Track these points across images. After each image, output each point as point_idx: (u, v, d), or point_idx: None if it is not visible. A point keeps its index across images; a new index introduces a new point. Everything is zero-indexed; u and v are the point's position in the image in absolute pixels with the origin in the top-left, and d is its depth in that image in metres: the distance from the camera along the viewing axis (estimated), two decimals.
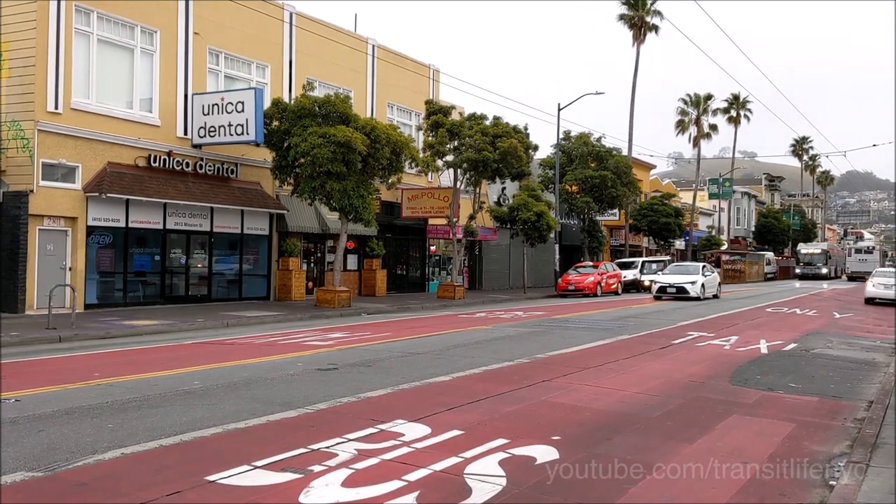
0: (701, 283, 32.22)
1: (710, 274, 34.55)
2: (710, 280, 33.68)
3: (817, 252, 72.87)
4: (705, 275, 33.27)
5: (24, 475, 5.79)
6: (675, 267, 35.79)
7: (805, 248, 76.27)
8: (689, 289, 31.73)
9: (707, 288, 32.85)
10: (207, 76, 24.87)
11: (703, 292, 32.12)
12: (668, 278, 33.14)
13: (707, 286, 32.87)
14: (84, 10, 20.98)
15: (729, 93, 76.31)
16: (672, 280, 32.68)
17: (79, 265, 20.90)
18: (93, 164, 21.23)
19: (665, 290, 32.16)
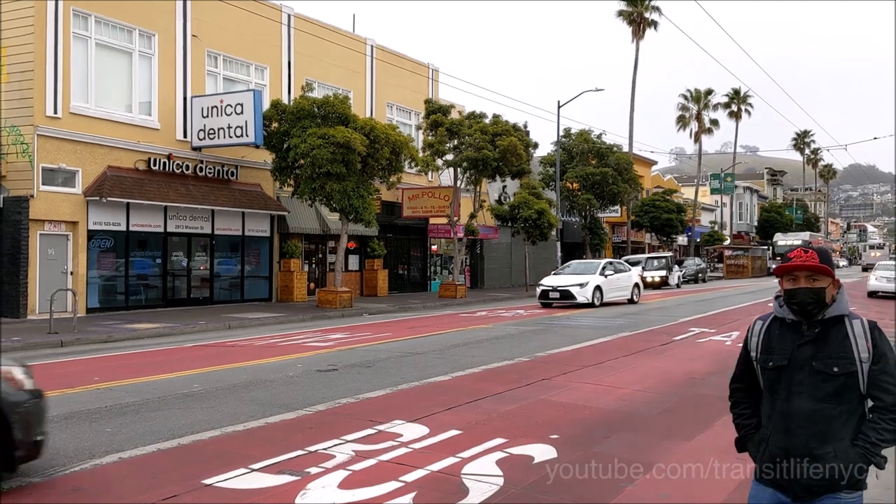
0: (595, 285, 25.59)
1: (615, 273, 27.44)
2: (612, 282, 26.82)
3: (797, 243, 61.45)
4: (606, 274, 26.63)
5: (21, 481, 5.80)
6: (574, 265, 28.73)
7: (783, 238, 64.25)
8: (577, 293, 25.06)
9: (607, 291, 26.25)
10: (206, 78, 24.89)
11: (597, 297, 25.56)
12: (556, 279, 26.61)
13: (607, 289, 26.28)
14: (82, 14, 21.00)
15: (729, 88, 76.28)
16: (558, 282, 26.08)
17: (80, 269, 20.93)
18: (93, 168, 21.26)
19: (548, 294, 25.81)
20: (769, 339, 3.19)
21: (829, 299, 3.06)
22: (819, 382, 3.01)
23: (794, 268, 3.07)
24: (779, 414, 3.11)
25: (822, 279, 3.05)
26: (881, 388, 2.99)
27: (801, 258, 3.05)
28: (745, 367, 3.33)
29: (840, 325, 3.07)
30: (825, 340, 3.05)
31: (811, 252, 3.06)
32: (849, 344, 3.02)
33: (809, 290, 3.05)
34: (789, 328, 3.14)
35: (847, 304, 3.13)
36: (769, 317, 3.26)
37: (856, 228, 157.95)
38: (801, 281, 3.06)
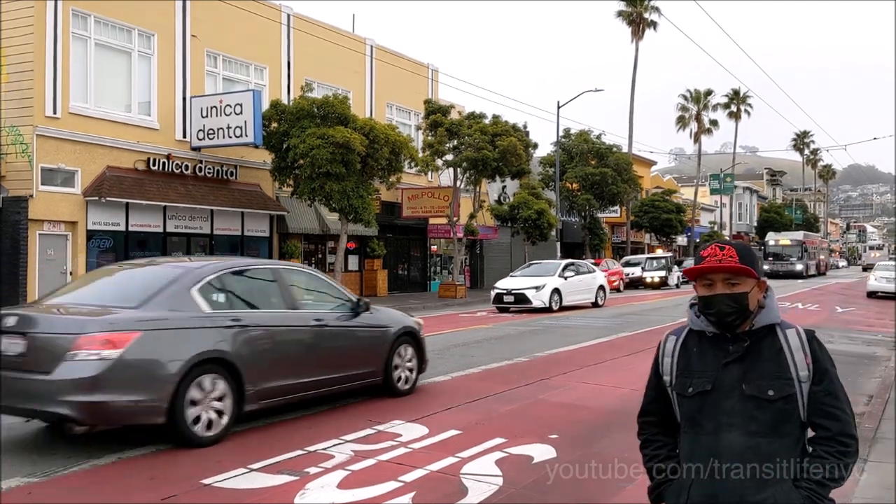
0: (553, 288, 23.42)
1: (576, 275, 25.32)
2: (573, 284, 24.69)
3: (789, 243, 57.84)
4: (565, 276, 24.49)
5: (19, 481, 5.79)
6: (534, 266, 26.50)
7: (774, 237, 60.52)
8: (532, 297, 22.74)
9: (567, 294, 24.02)
10: (206, 78, 24.88)
11: (555, 301, 23.40)
12: (511, 282, 24.42)
13: (567, 292, 24.06)
14: (81, 14, 20.99)
15: (729, 88, 76.28)
16: (512, 285, 23.77)
17: (79, 270, 20.91)
18: (92, 168, 21.25)
19: (502, 298, 23.63)
20: (687, 359, 2.57)
21: (753, 306, 2.50)
22: (752, 411, 2.43)
23: (707, 270, 2.49)
24: (703, 453, 2.48)
25: (743, 282, 2.47)
26: (826, 413, 2.45)
27: (715, 257, 2.48)
28: (657, 395, 2.70)
29: (772, 336, 2.51)
30: (756, 357, 2.48)
31: (729, 249, 2.49)
32: (784, 360, 2.46)
33: (728, 297, 2.46)
34: (710, 343, 2.55)
35: (777, 310, 2.57)
36: (683, 331, 2.65)
37: (855, 229, 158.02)
38: (717, 286, 2.48)
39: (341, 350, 8.56)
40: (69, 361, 6.25)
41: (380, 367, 8.98)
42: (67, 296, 7.65)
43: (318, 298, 8.94)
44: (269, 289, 8.25)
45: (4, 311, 7.16)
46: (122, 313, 6.74)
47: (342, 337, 8.62)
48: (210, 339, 7.01)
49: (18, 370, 6.43)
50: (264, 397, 7.47)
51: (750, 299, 2.48)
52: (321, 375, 8.19)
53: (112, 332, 6.43)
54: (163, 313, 6.87)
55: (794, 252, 56.20)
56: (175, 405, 6.57)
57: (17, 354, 6.46)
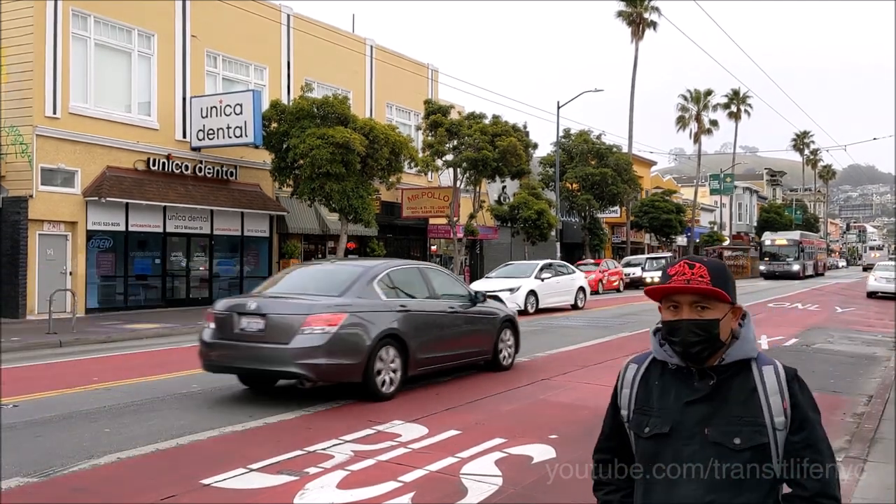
0: (528, 290, 22.37)
1: (554, 276, 24.31)
2: (551, 286, 23.65)
3: (785, 243, 56.32)
4: (542, 277, 23.46)
5: (19, 481, 5.79)
6: (511, 267, 25.67)
7: (770, 237, 58.92)
8: (506, 299, 19.67)
9: (544, 297, 23.01)
10: (205, 79, 24.87)
11: (531, 304, 22.32)
12: (486, 283, 23.17)
13: (544, 294, 23.06)
14: (81, 15, 20.99)
15: (729, 88, 76.26)
16: (486, 287, 21.58)
17: (79, 270, 20.92)
18: (92, 168, 21.24)
19: None
20: (646, 393, 2.23)
21: (725, 336, 2.13)
22: (715, 461, 2.08)
23: (672, 291, 2.14)
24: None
25: (714, 307, 2.11)
26: (803, 469, 2.08)
27: (683, 276, 2.12)
28: (614, 430, 2.33)
29: (745, 373, 2.15)
30: (724, 397, 2.12)
31: (700, 268, 2.12)
32: (757, 402, 2.10)
33: (695, 325, 2.10)
34: (674, 377, 2.19)
35: (755, 342, 2.21)
36: (646, 358, 2.30)
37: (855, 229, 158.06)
38: (684, 310, 2.12)
39: (466, 331, 10.76)
40: (301, 335, 8.46)
41: (490, 346, 11.20)
42: (278, 288, 9.98)
43: (449, 291, 10.96)
44: (418, 282, 10.43)
45: (245, 298, 9.76)
46: (333, 300, 8.96)
47: (466, 321, 10.80)
48: (388, 320, 9.16)
49: (261, 342, 8.64)
50: (420, 366, 9.64)
51: (721, 328, 2.12)
52: (453, 350, 10.39)
53: (330, 314, 8.65)
54: (358, 300, 9.12)
55: (791, 252, 55.20)
56: (368, 368, 8.75)
57: (258, 330, 8.70)
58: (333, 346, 8.49)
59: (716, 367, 2.15)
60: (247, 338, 8.75)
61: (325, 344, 8.43)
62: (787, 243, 55.99)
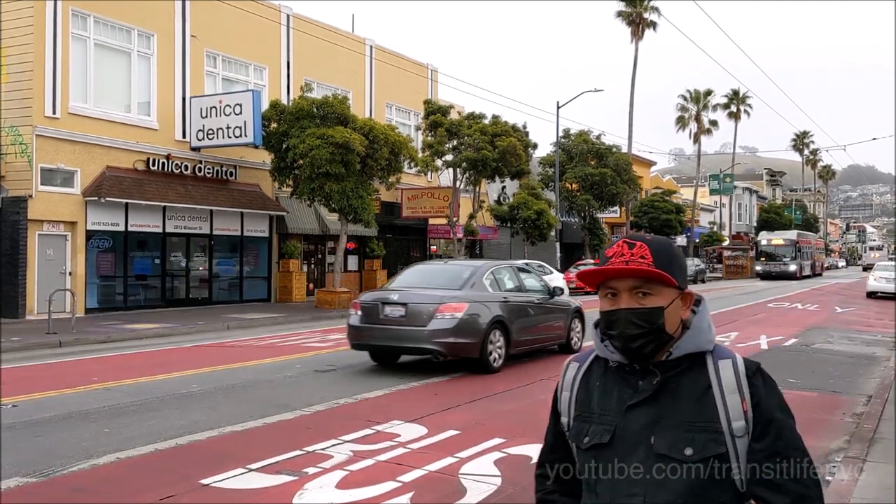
0: None
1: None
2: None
3: (782, 243, 55.17)
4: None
5: (18, 481, 5.79)
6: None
7: (767, 236, 57.67)
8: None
9: None
10: (205, 79, 24.87)
11: None
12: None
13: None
14: (81, 15, 20.98)
15: (729, 89, 76.24)
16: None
17: (79, 270, 20.91)
18: (91, 168, 21.24)
19: None
20: (587, 396, 1.90)
21: (672, 327, 1.80)
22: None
23: (609, 274, 1.81)
24: None
25: (658, 293, 1.79)
26: (770, 483, 1.73)
27: (621, 258, 1.80)
28: (556, 441, 2.00)
29: (698, 369, 1.80)
30: (673, 398, 1.78)
31: (640, 247, 1.80)
32: (712, 403, 1.76)
33: (635, 315, 1.78)
34: (616, 377, 1.86)
35: (711, 331, 1.86)
36: (588, 356, 1.97)
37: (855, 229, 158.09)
38: (622, 298, 1.80)
39: (548, 319, 12.84)
40: (436, 319, 10.85)
41: (564, 332, 13.27)
42: (405, 282, 12.27)
43: (533, 286, 13.10)
44: (511, 278, 12.63)
45: (386, 291, 11.89)
46: (456, 292, 11.30)
47: (548, 311, 12.85)
48: (495, 309, 11.39)
49: (403, 325, 11.12)
50: (517, 346, 11.87)
51: (667, 317, 1.78)
52: (540, 335, 12.62)
53: (456, 303, 11.01)
54: (473, 292, 11.42)
55: (788, 252, 54.40)
56: (483, 346, 10.99)
57: (400, 316, 11.15)
58: (459, 329, 10.76)
59: (662, 363, 1.81)
60: (390, 322, 11.15)
61: (453, 327, 10.75)
62: (783, 243, 55.19)
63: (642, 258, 1.78)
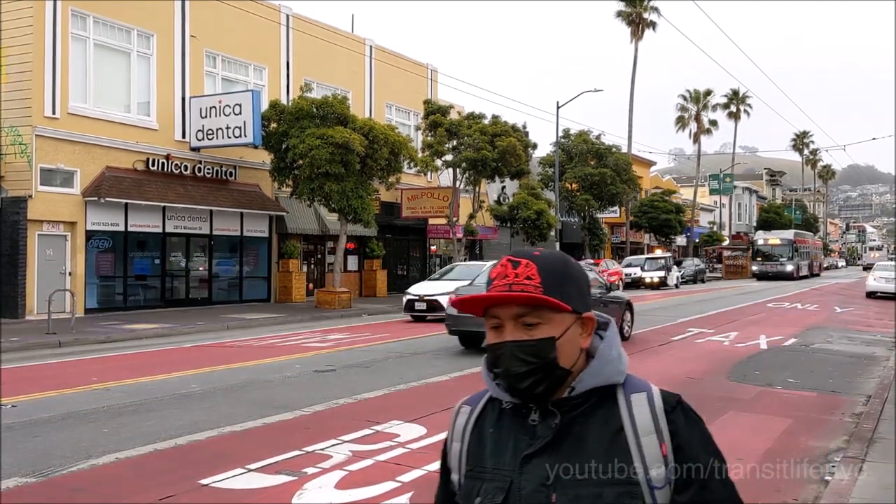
0: None
1: None
2: None
3: (778, 242, 54.13)
4: None
5: (17, 481, 5.79)
6: (456, 269, 22.95)
7: (763, 236, 56.72)
8: (445, 304, 18.09)
9: None
10: (205, 79, 24.87)
11: None
12: (426, 286, 21.00)
13: None
14: (80, 15, 20.98)
15: (728, 88, 76.22)
16: (427, 290, 20.49)
17: (78, 270, 20.91)
18: (91, 168, 21.24)
19: (414, 305, 20.38)
20: (479, 447, 1.58)
21: (569, 360, 1.52)
22: None
23: (488, 301, 1.53)
24: None
25: (548, 320, 1.50)
26: None
27: (504, 279, 1.51)
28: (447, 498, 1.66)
29: (607, 407, 1.51)
30: (577, 445, 1.48)
31: (527, 266, 1.51)
32: (624, 448, 1.46)
33: (520, 348, 1.49)
34: (512, 421, 1.56)
35: (621, 360, 1.56)
36: (481, 398, 1.65)
37: (854, 229, 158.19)
38: (507, 328, 1.51)
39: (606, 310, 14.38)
40: None
41: (619, 322, 14.96)
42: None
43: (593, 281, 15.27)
44: None
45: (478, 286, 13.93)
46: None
47: (605, 303, 14.92)
48: None
49: None
50: None
51: (562, 349, 1.50)
52: None
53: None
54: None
55: (785, 252, 53.52)
56: None
57: None
58: None
59: (564, 402, 1.51)
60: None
61: None
62: (780, 243, 54.36)
63: (528, 279, 1.50)
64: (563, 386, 1.53)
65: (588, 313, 1.56)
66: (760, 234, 59.44)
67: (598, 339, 1.59)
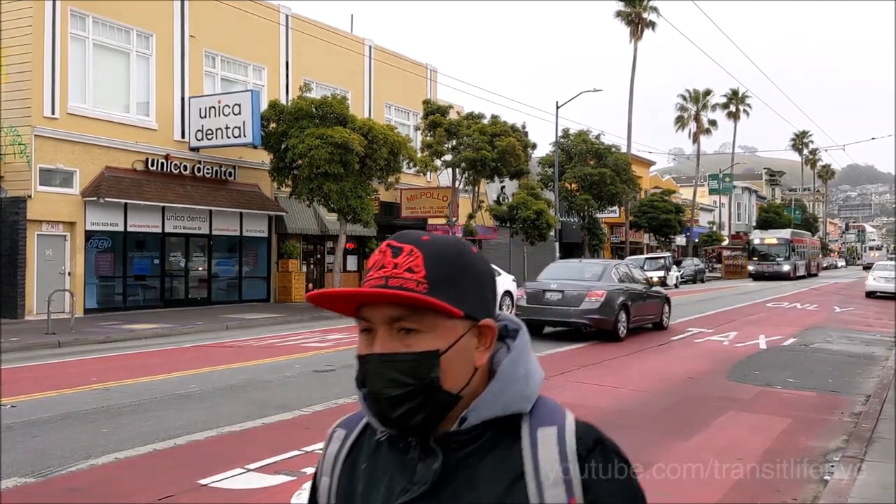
0: None
1: None
2: None
3: (775, 242, 53.24)
4: None
5: (16, 481, 5.79)
6: None
7: (759, 235, 55.89)
8: None
9: None
10: (204, 79, 24.86)
11: None
12: None
13: None
14: (79, 15, 20.98)
15: (728, 88, 76.32)
16: None
17: (78, 270, 20.90)
18: (90, 168, 21.23)
19: None
20: (350, 483, 1.27)
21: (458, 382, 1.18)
22: None
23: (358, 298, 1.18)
24: None
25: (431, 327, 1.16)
26: None
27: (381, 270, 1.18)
28: None
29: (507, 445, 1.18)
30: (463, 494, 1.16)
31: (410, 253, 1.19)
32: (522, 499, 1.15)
33: (389, 364, 1.16)
34: (388, 455, 1.24)
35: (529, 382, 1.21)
36: (359, 420, 1.32)
37: (854, 229, 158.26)
38: (378, 334, 1.18)
39: (648, 303, 17.17)
40: (586, 302, 15.16)
41: (659, 314, 17.75)
42: (551, 275, 17.09)
43: (637, 278, 17.85)
44: (625, 273, 17.28)
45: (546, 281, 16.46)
46: (597, 283, 15.82)
47: (649, 297, 17.31)
48: (621, 295, 15.69)
49: (561, 305, 15.54)
50: (633, 322, 16.10)
51: (448, 367, 1.15)
52: (645, 314, 16.96)
53: (599, 291, 15.34)
54: (607, 284, 15.89)
55: (781, 251, 52.75)
56: (615, 322, 15.25)
57: (558, 300, 15.60)
58: (601, 309, 14.97)
59: (449, 437, 1.17)
60: (552, 303, 15.58)
61: (598, 307, 14.97)
62: (776, 242, 53.59)
63: (410, 271, 1.14)
64: (450, 415, 1.17)
65: (487, 320, 1.19)
66: (756, 233, 58.69)
67: (504, 353, 1.22)
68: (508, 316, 1.29)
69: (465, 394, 1.17)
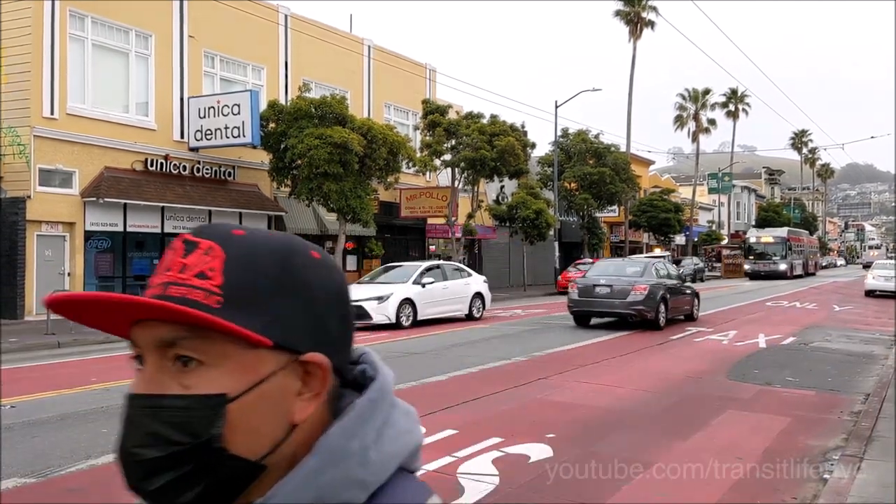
0: (402, 298, 18.26)
1: (441, 281, 19.98)
2: (434, 293, 19.33)
3: (771, 241, 52.67)
4: (423, 282, 19.20)
5: (16, 481, 5.79)
6: (392, 271, 20.72)
7: (756, 234, 55.45)
8: (372, 310, 17.52)
9: (425, 306, 18.91)
10: (203, 79, 24.86)
11: (407, 315, 18.32)
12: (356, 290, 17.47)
13: (424, 303, 18.89)
14: (78, 15, 20.97)
15: (727, 87, 76.31)
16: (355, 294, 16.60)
17: (77, 270, 20.91)
18: (90, 168, 21.23)
19: None
20: None
21: (257, 446, 0.78)
22: None
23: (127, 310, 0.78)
24: None
25: (221, 359, 0.77)
26: None
27: (167, 273, 0.80)
28: None
29: None
30: None
31: (209, 250, 0.80)
32: None
33: (148, 412, 0.76)
34: None
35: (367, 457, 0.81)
36: None
37: (853, 227, 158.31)
38: (148, 364, 0.80)
39: (680, 297, 19.07)
40: (632, 295, 17.19)
41: (690, 307, 19.71)
42: (598, 272, 19.51)
43: (672, 274, 20.15)
44: (662, 269, 19.44)
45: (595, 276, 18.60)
46: (640, 278, 17.88)
47: (681, 291, 19.34)
48: (661, 289, 17.74)
49: (609, 298, 17.53)
50: (670, 313, 17.96)
51: (241, 419, 0.78)
52: (679, 307, 18.80)
53: (643, 285, 17.36)
54: (649, 279, 17.98)
55: (778, 250, 52.14)
56: (656, 312, 17.23)
57: (607, 293, 17.61)
58: (645, 301, 17.01)
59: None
60: (601, 296, 17.60)
61: (642, 300, 17.02)
62: (773, 241, 52.95)
63: (202, 277, 0.80)
64: (246, 494, 0.80)
65: (314, 355, 0.82)
66: (753, 231, 58.03)
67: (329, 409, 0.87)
68: (372, 357, 0.94)
69: (274, 463, 0.80)
